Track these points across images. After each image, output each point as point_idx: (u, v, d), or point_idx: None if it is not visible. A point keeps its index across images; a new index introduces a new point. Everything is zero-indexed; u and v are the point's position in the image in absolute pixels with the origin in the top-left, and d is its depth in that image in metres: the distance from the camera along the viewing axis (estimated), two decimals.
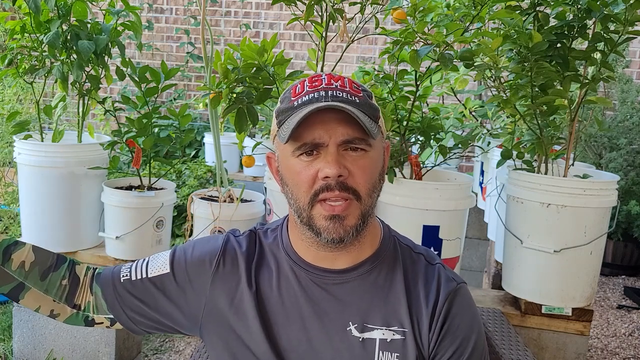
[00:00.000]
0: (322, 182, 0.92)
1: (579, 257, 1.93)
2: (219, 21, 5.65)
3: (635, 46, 4.80)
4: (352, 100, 0.93)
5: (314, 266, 1.01)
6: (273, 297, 1.01)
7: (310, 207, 0.94)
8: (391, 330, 0.98)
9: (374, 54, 5.27)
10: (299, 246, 1.03)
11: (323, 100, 0.92)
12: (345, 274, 1.01)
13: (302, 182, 0.94)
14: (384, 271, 1.02)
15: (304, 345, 0.99)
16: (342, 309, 0.99)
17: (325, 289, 1.00)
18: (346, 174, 0.92)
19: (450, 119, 2.51)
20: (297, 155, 0.94)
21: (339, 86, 0.94)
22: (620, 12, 1.80)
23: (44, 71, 2.31)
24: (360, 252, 1.01)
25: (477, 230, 3.64)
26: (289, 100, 0.95)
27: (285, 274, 1.03)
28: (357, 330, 0.98)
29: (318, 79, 0.96)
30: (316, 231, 0.94)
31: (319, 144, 0.92)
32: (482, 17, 1.87)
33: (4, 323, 2.90)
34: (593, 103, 1.99)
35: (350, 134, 0.92)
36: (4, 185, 3.72)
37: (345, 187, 0.92)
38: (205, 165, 3.56)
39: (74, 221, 2.35)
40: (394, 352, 0.97)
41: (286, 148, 0.95)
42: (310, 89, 0.94)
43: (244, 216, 2.17)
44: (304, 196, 0.94)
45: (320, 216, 0.93)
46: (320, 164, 0.92)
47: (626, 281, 4.22)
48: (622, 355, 3.11)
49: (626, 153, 4.21)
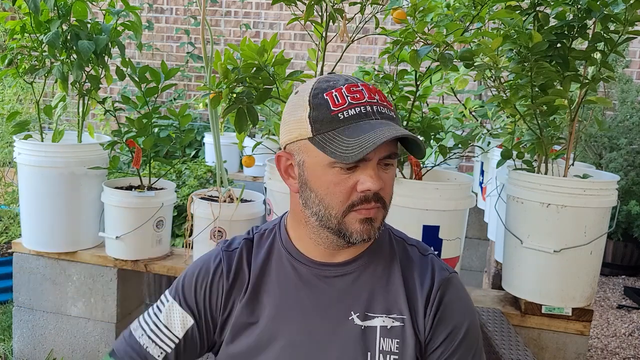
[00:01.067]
0: (361, 194, 0.96)
1: (579, 257, 1.93)
2: (219, 21, 5.65)
3: (635, 46, 4.80)
4: (392, 116, 0.98)
5: (314, 261, 1.05)
6: (275, 294, 1.05)
7: (344, 215, 0.97)
8: (391, 318, 1.02)
9: (374, 54, 5.27)
10: (302, 243, 1.06)
11: (372, 117, 0.95)
12: (346, 266, 1.05)
13: (339, 193, 0.96)
14: (382, 262, 1.07)
15: (307, 339, 1.02)
16: (344, 300, 1.03)
17: (327, 282, 1.05)
18: (383, 187, 0.97)
19: (450, 119, 2.51)
20: (334, 165, 0.95)
21: (378, 100, 0.97)
22: (620, 12, 1.80)
23: (44, 71, 2.31)
24: (358, 246, 1.05)
25: (477, 230, 3.64)
26: (328, 109, 0.95)
27: (285, 271, 1.06)
28: (359, 319, 1.02)
29: (357, 90, 0.97)
30: (346, 235, 0.99)
31: (364, 159, 0.95)
32: (482, 17, 1.87)
33: (4, 323, 2.90)
34: (593, 103, 1.99)
35: (391, 150, 0.97)
36: (4, 185, 3.72)
37: (380, 198, 0.98)
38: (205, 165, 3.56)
39: (74, 221, 2.35)
40: (394, 339, 1.01)
41: (323, 157, 0.96)
42: (353, 101, 0.96)
43: (244, 216, 2.17)
44: (339, 205, 0.97)
45: (355, 221, 0.97)
46: (361, 177, 0.95)
47: (626, 281, 4.22)
48: (622, 355, 3.11)
49: (626, 153, 4.21)
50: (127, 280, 2.45)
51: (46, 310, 2.46)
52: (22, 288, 2.47)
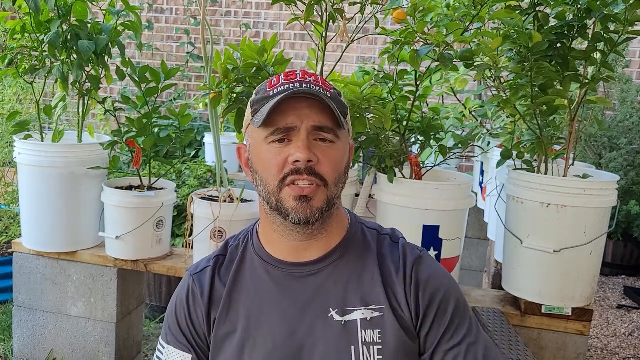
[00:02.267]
0: (291, 166, 0.97)
1: (579, 257, 1.93)
2: (219, 21, 5.65)
3: (635, 46, 4.80)
4: (324, 93, 1.00)
5: (286, 262, 1.06)
6: (252, 301, 1.06)
7: (279, 190, 0.99)
8: (369, 309, 1.03)
9: (374, 54, 5.27)
10: (270, 244, 1.08)
11: (298, 90, 0.98)
12: (319, 263, 1.06)
13: (272, 166, 0.99)
14: (355, 255, 1.07)
15: (290, 340, 1.03)
16: (321, 297, 1.04)
17: (302, 281, 1.05)
18: (315, 160, 0.98)
19: (450, 119, 2.51)
20: (269, 142, 0.99)
21: (312, 80, 1.01)
22: (620, 12, 1.80)
23: (44, 71, 2.31)
24: (329, 241, 1.07)
25: (477, 230, 3.64)
26: (265, 91, 1.02)
27: (259, 276, 1.07)
28: (338, 315, 1.03)
29: (293, 73, 1.02)
30: (284, 213, 0.99)
31: (291, 128, 0.98)
32: (482, 17, 1.87)
33: (4, 323, 2.91)
34: (593, 103, 1.99)
35: (322, 122, 0.98)
36: (4, 185, 3.72)
37: (313, 172, 0.98)
38: (205, 165, 3.56)
39: (74, 221, 2.35)
40: (375, 329, 1.02)
41: (259, 135, 1.00)
42: (286, 81, 1.01)
43: (244, 216, 2.17)
44: (273, 180, 0.99)
45: (290, 197, 0.98)
46: (291, 150, 0.97)
47: (626, 281, 4.22)
48: (622, 355, 3.11)
49: (626, 153, 4.21)
50: (127, 280, 2.45)
51: (46, 310, 2.46)
52: (22, 288, 2.47)
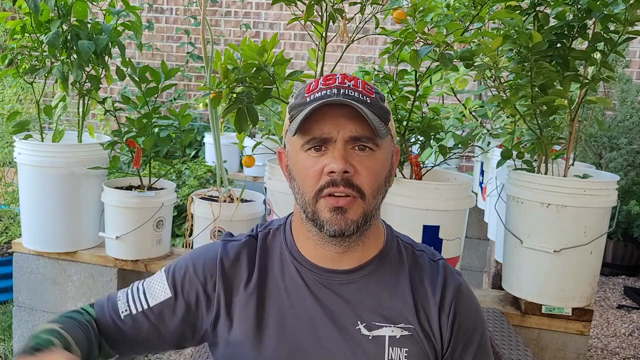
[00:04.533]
0: (327, 177, 0.93)
1: (579, 257, 1.93)
2: (219, 21, 5.65)
3: (635, 46, 4.80)
4: (363, 100, 0.95)
5: (319, 267, 1.02)
6: (280, 299, 1.02)
7: (315, 201, 0.95)
8: (399, 327, 1.00)
9: (374, 54, 5.27)
10: (305, 246, 1.03)
11: (335, 97, 0.93)
12: (351, 274, 1.02)
13: (308, 177, 0.95)
14: (389, 270, 1.04)
15: (315, 345, 0.99)
16: (349, 309, 1.00)
17: (332, 289, 1.01)
18: (352, 171, 0.93)
19: (450, 119, 2.51)
20: (305, 149, 0.95)
21: (351, 85, 0.96)
22: (620, 12, 1.80)
23: (44, 71, 2.31)
24: (364, 253, 1.02)
25: (477, 230, 3.64)
26: (303, 96, 0.97)
27: (291, 275, 1.03)
28: (366, 329, 0.99)
29: (332, 77, 0.98)
30: (320, 224, 0.95)
31: (327, 139, 0.93)
32: (482, 17, 1.87)
33: (4, 323, 2.90)
34: (593, 103, 1.99)
35: (359, 131, 0.93)
36: (4, 185, 3.71)
37: (350, 184, 0.93)
38: (205, 165, 3.56)
39: (74, 221, 2.35)
40: (403, 348, 0.99)
41: (296, 142, 0.97)
42: (324, 86, 0.96)
43: (244, 216, 2.17)
44: (309, 190, 0.95)
45: (325, 208, 0.94)
46: (327, 160, 0.93)
47: (626, 281, 4.22)
48: (622, 355, 3.11)
49: (626, 153, 4.21)
50: (127, 280, 2.45)
51: (46, 310, 2.46)
52: (22, 288, 2.47)
